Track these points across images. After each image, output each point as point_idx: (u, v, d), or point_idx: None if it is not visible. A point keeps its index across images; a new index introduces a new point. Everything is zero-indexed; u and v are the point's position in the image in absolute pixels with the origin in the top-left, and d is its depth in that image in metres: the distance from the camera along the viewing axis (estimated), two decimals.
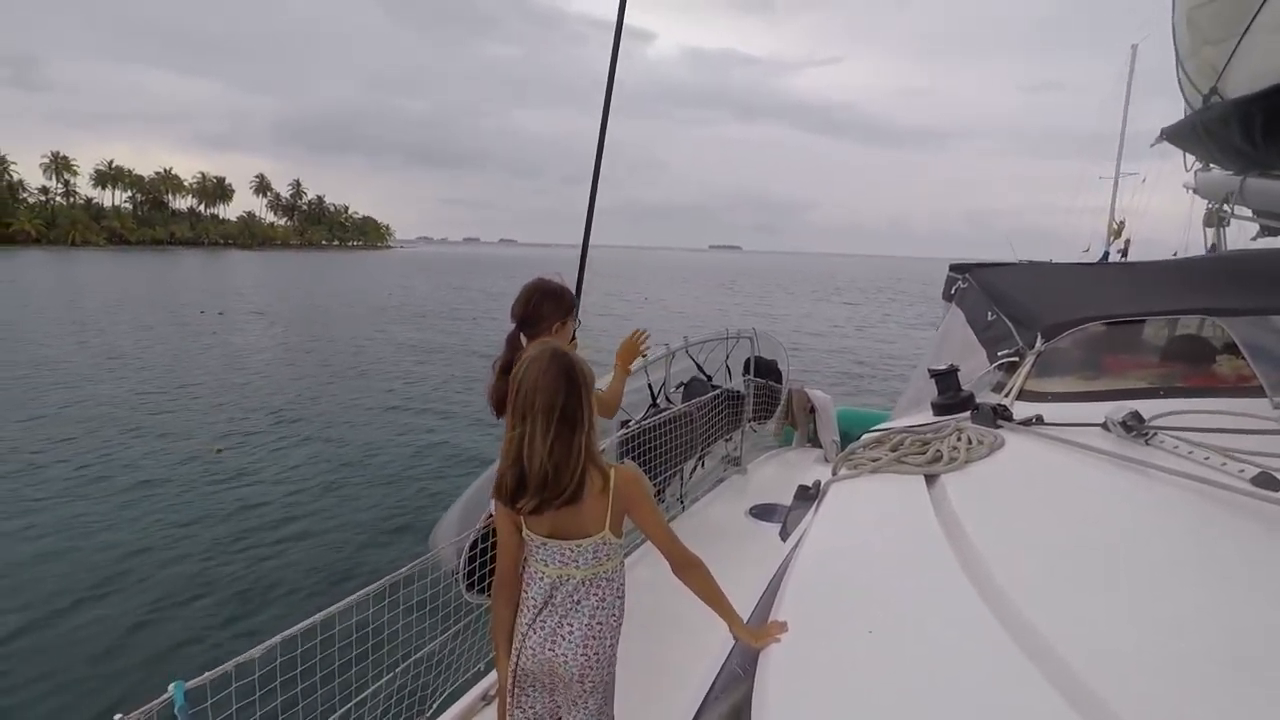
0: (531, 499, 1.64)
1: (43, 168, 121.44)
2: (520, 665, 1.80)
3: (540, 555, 1.77)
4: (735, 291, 56.49)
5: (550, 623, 1.76)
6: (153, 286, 43.96)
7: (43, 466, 9.50)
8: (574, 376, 1.65)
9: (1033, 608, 1.18)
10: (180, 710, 1.79)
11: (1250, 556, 1.32)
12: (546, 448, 1.61)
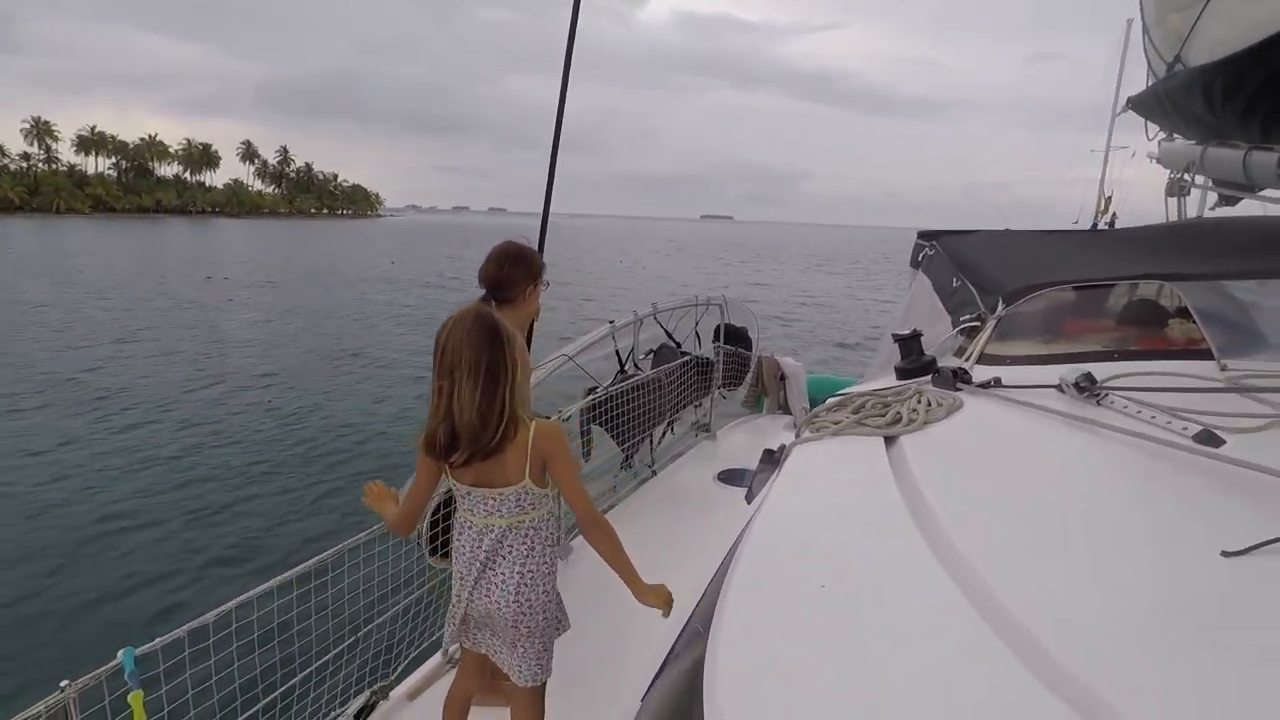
0: (464, 452, 1.71)
1: (23, 133, 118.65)
2: (466, 613, 1.91)
3: (467, 504, 1.86)
4: (725, 260, 56.54)
5: (486, 572, 1.86)
6: (152, 253, 43.78)
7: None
8: (497, 333, 1.73)
9: (984, 564, 1.20)
10: (130, 676, 1.77)
11: (1191, 511, 1.36)
12: (474, 402, 1.68)
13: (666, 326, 4.97)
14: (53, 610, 5.32)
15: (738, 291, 29.04)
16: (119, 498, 7.47)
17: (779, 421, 5.89)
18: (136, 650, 1.80)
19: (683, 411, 5.05)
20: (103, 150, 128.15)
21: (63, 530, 6.66)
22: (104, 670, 1.76)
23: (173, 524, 6.84)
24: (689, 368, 4.85)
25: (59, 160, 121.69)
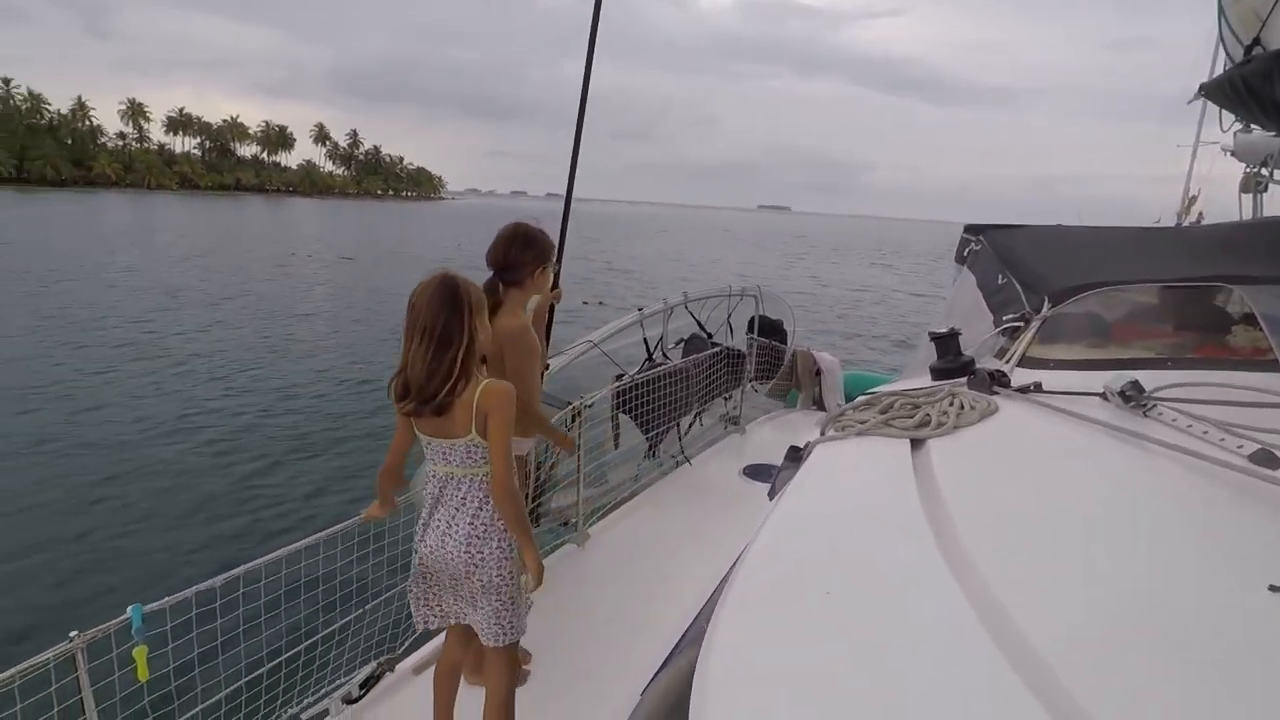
0: (410, 402, 1.88)
1: (120, 114, 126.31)
2: (421, 557, 2.02)
3: (428, 453, 2.00)
4: (782, 252, 55.48)
5: (442, 520, 1.98)
6: (241, 229, 46.01)
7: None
8: (457, 299, 1.85)
9: (1001, 582, 1.11)
10: (137, 631, 1.80)
11: (1240, 538, 1.24)
12: (424, 359, 1.83)
13: (698, 316, 4.89)
14: (85, 560, 5.54)
15: (795, 284, 28.72)
16: (182, 453, 7.78)
17: (812, 418, 5.77)
18: (145, 608, 1.83)
19: (712, 403, 4.98)
20: (189, 131, 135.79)
21: (104, 482, 6.92)
22: (112, 624, 1.79)
23: (220, 482, 7.06)
24: (719, 359, 4.77)
25: (150, 139, 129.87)
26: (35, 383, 10.08)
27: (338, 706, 2.39)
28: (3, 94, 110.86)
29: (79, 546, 5.74)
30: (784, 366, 5.79)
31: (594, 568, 3.44)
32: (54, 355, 11.65)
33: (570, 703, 2.55)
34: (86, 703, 1.78)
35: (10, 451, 7.60)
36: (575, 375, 3.78)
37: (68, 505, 6.47)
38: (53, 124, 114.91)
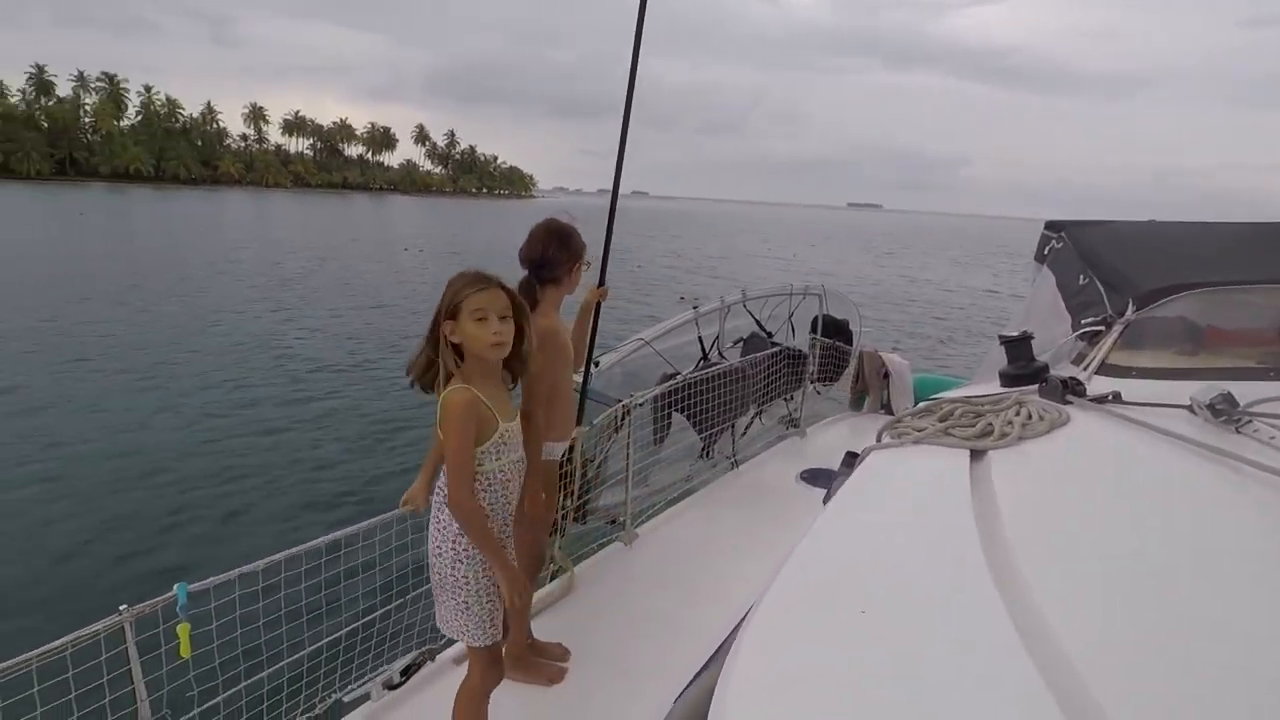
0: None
1: (243, 117, 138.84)
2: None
3: None
4: (872, 250, 53.99)
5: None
6: (354, 226, 48.70)
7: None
8: (446, 307, 1.85)
9: (1055, 612, 0.99)
10: (181, 609, 1.85)
11: None
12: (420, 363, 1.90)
13: (758, 315, 4.77)
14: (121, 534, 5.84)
15: (886, 285, 27.89)
16: (276, 434, 8.19)
17: (876, 423, 5.55)
18: (190, 586, 1.88)
19: (771, 404, 4.85)
20: (302, 132, 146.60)
21: (175, 461, 7.31)
22: (158, 600, 1.85)
23: (292, 466, 7.33)
24: (779, 359, 4.63)
25: (267, 141, 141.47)
26: (169, 365, 10.94)
27: (378, 691, 2.42)
28: (145, 100, 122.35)
29: (158, 519, 6.10)
30: (849, 368, 5.59)
31: (640, 567, 3.39)
32: (198, 343, 12.55)
33: (605, 701, 2.50)
34: (134, 674, 1.84)
35: (128, 424, 8.25)
36: (624, 373, 3.74)
37: (165, 477, 6.93)
38: (185, 127, 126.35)
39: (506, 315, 1.86)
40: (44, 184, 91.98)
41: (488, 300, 1.83)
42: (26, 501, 6.30)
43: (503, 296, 1.87)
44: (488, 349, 1.84)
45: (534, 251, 2.40)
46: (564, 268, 2.42)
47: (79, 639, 1.73)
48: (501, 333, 1.84)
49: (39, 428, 8.07)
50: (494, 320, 1.83)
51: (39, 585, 5.05)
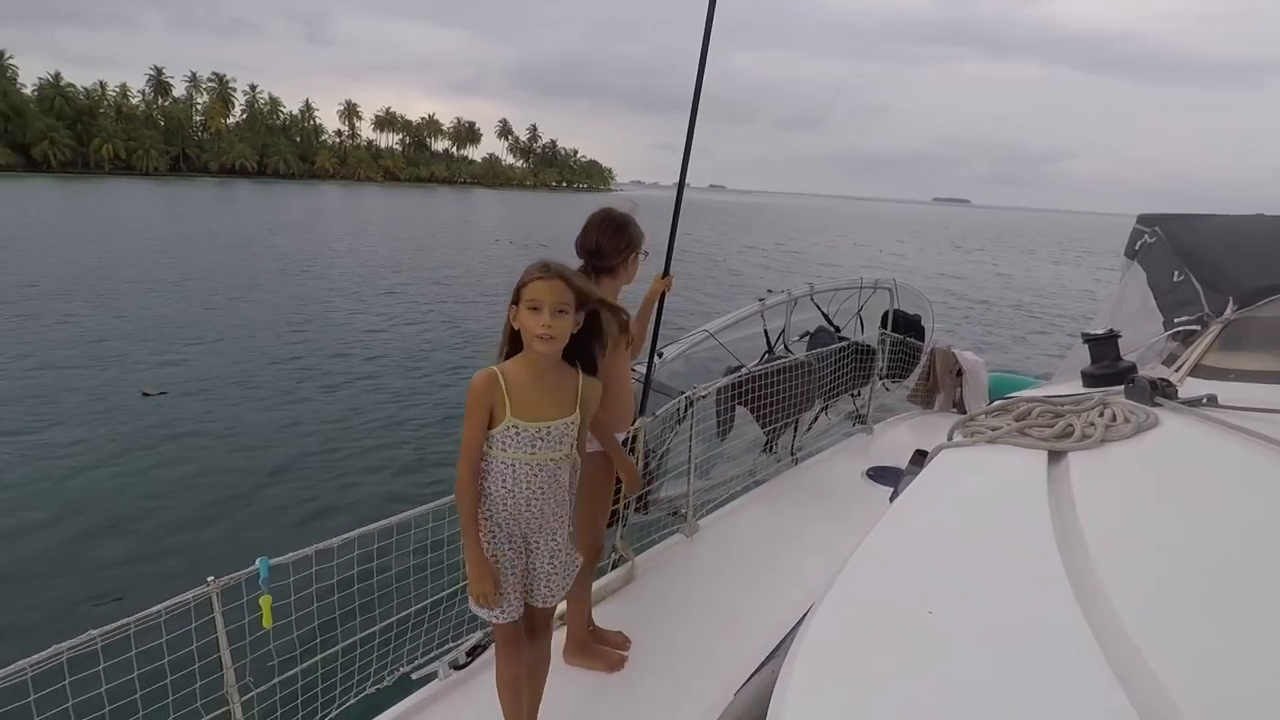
0: None
1: (339, 114, 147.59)
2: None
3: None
4: (962, 247, 52.30)
5: None
6: (445, 218, 51.90)
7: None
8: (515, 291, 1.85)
9: (1141, 627, 0.94)
10: (263, 581, 1.95)
11: None
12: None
13: (826, 309, 4.68)
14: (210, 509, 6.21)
15: (975, 282, 26.96)
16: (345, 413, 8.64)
17: (947, 421, 5.37)
18: (270, 561, 1.98)
19: (837, 400, 4.76)
20: (392, 128, 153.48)
21: (255, 442, 7.73)
22: (242, 574, 1.95)
23: (381, 441, 7.79)
24: (846, 354, 4.54)
25: (359, 136, 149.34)
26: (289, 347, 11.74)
27: (445, 670, 2.50)
28: (250, 99, 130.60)
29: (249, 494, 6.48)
30: (919, 365, 5.43)
31: (701, 560, 3.39)
32: (306, 326, 13.46)
33: (664, 691, 2.52)
34: (220, 641, 1.95)
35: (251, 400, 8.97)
36: (687, 365, 3.73)
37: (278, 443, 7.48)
38: (285, 125, 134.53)
39: (565, 309, 1.80)
40: (162, 179, 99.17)
41: (545, 291, 1.79)
42: (139, 473, 6.85)
43: (563, 289, 1.80)
44: (534, 340, 1.80)
45: (588, 241, 2.39)
46: (618, 257, 2.39)
47: (173, 606, 1.85)
48: (552, 326, 1.78)
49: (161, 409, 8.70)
50: (546, 313, 1.78)
51: (135, 555, 5.43)
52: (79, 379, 9.75)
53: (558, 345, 1.82)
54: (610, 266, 2.39)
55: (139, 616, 1.79)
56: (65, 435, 7.69)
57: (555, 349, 1.82)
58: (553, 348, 1.81)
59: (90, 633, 1.71)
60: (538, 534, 1.97)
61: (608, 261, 2.38)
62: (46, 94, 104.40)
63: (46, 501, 6.23)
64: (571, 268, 1.94)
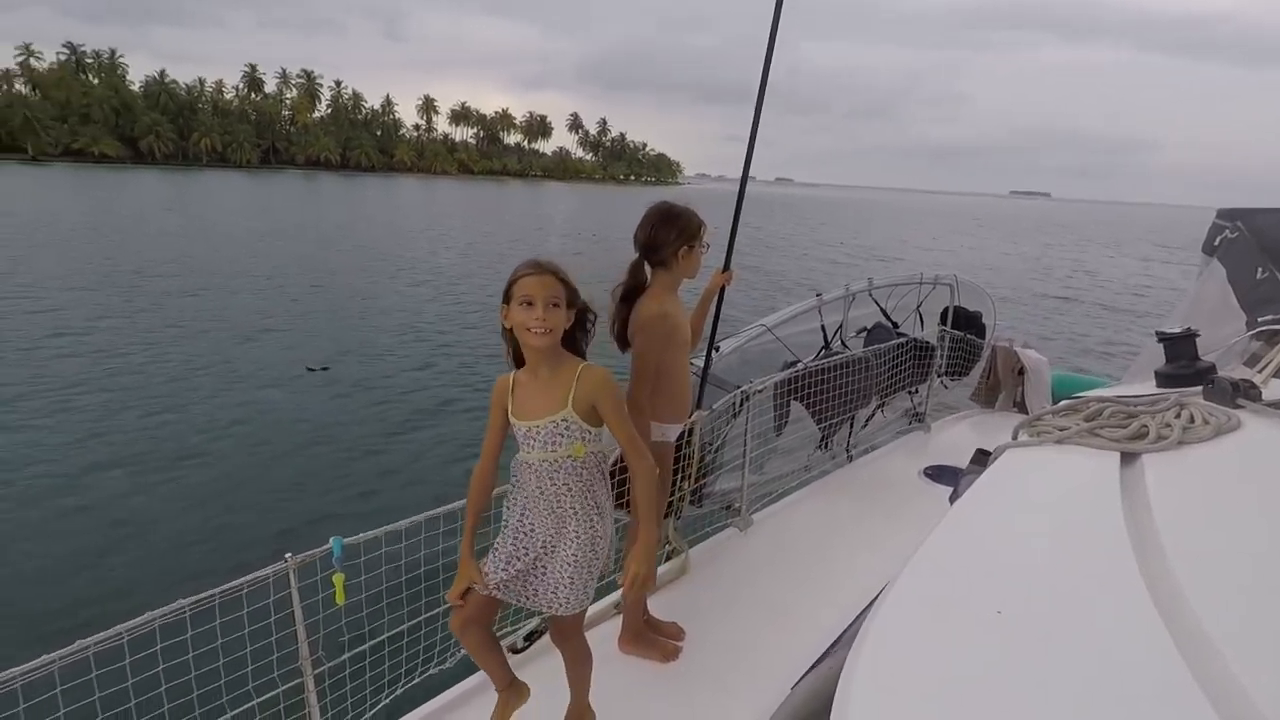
0: None
1: (417, 109, 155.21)
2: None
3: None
4: (1044, 242, 50.80)
5: None
6: (528, 211, 54.65)
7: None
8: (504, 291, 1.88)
9: (1221, 630, 0.92)
10: (336, 560, 2.05)
11: None
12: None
13: (885, 305, 4.61)
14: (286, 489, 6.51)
15: (1060, 280, 26.10)
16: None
17: (1008, 420, 5.24)
18: (344, 540, 2.07)
19: (894, 397, 4.69)
20: (467, 122, 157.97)
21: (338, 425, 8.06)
22: (317, 551, 2.05)
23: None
24: (905, 350, 4.46)
25: (435, 130, 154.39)
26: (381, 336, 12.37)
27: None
28: (335, 94, 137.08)
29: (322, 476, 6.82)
30: (980, 363, 5.30)
31: (754, 554, 3.39)
32: (391, 316, 14.18)
33: (716, 684, 2.54)
34: (296, 616, 2.05)
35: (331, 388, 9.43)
36: (743, 360, 3.73)
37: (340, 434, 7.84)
38: (367, 119, 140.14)
39: (557, 303, 1.80)
40: (254, 171, 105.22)
41: (537, 285, 1.78)
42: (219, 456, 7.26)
43: (554, 283, 1.80)
44: (527, 335, 1.80)
45: (642, 233, 2.40)
46: (670, 250, 2.38)
47: (254, 580, 1.95)
48: (545, 320, 1.78)
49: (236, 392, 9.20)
50: (539, 307, 1.78)
51: (214, 531, 5.74)
52: (242, 353, 10.90)
53: (553, 339, 1.82)
54: (663, 259, 2.39)
55: (223, 589, 1.89)
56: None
57: (550, 343, 1.82)
58: (548, 341, 1.81)
59: (180, 602, 1.82)
60: (547, 538, 1.97)
61: (660, 254, 2.39)
62: (153, 90, 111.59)
63: (194, 470, 6.91)
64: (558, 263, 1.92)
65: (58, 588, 4.98)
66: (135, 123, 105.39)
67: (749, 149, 2.85)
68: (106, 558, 5.37)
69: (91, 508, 6.11)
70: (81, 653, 1.66)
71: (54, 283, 15.82)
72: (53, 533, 5.70)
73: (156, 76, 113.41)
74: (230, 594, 1.90)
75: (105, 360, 10.35)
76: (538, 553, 1.98)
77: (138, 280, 16.68)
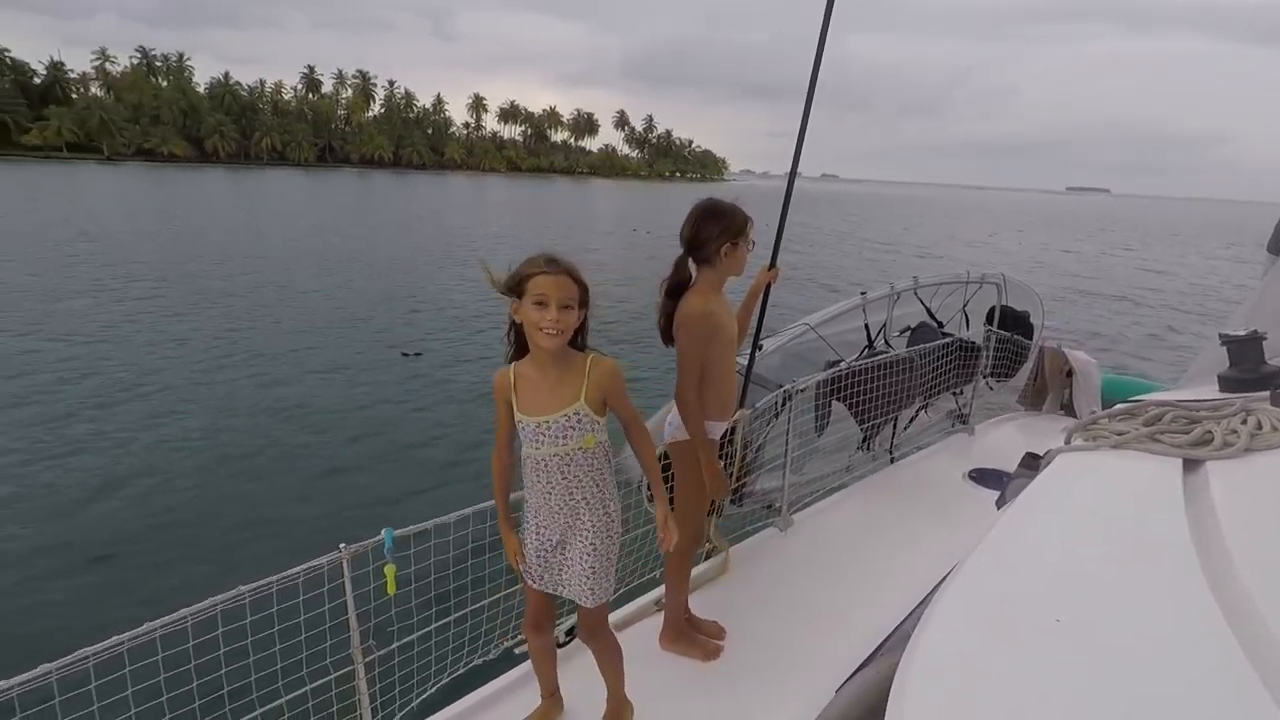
0: None
1: (467, 107, 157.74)
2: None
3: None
4: (1104, 240, 48.86)
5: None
6: (578, 207, 55.81)
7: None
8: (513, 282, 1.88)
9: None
10: (388, 551, 2.09)
11: None
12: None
13: (929, 304, 4.54)
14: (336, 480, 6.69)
15: (1123, 280, 25.37)
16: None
17: (1056, 424, 5.13)
18: (395, 532, 2.12)
19: (938, 398, 4.62)
20: (514, 120, 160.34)
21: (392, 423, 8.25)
22: (369, 542, 2.10)
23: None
24: (949, 351, 4.39)
25: (484, 128, 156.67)
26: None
27: None
28: (388, 93, 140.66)
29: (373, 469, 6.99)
30: (1027, 364, 5.19)
31: (795, 554, 3.38)
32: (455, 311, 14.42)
33: (758, 684, 2.54)
34: (349, 605, 2.10)
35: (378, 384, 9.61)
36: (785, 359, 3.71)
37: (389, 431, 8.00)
38: (419, 118, 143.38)
39: (570, 305, 1.81)
40: (312, 169, 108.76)
41: (551, 286, 1.77)
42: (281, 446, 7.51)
43: (570, 285, 1.80)
44: (539, 335, 1.80)
45: (687, 230, 2.38)
46: (714, 246, 2.35)
47: (310, 569, 2.01)
48: (559, 322, 1.78)
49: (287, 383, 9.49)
50: (553, 308, 1.78)
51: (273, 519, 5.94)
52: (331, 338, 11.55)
53: (563, 340, 1.83)
54: (706, 256, 2.37)
55: (280, 576, 1.95)
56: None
57: (560, 344, 1.84)
58: (558, 343, 1.83)
59: (240, 588, 1.88)
60: (564, 530, 2.02)
61: (704, 251, 2.37)
62: (217, 92, 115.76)
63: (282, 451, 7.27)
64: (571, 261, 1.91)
65: (179, 551, 5.39)
66: (201, 123, 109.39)
67: (798, 145, 2.82)
68: (205, 529, 5.73)
69: (167, 488, 6.42)
70: (149, 634, 1.73)
71: (173, 275, 16.91)
72: (181, 502, 6.16)
73: (221, 79, 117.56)
74: (287, 581, 1.96)
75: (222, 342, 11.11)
76: (557, 546, 2.04)
77: (222, 273, 17.54)
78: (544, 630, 2.22)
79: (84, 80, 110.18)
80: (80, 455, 6.98)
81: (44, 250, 19.69)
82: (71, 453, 7.00)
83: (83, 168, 76.89)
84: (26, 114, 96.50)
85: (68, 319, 12.19)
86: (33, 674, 1.59)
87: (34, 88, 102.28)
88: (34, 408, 8.14)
